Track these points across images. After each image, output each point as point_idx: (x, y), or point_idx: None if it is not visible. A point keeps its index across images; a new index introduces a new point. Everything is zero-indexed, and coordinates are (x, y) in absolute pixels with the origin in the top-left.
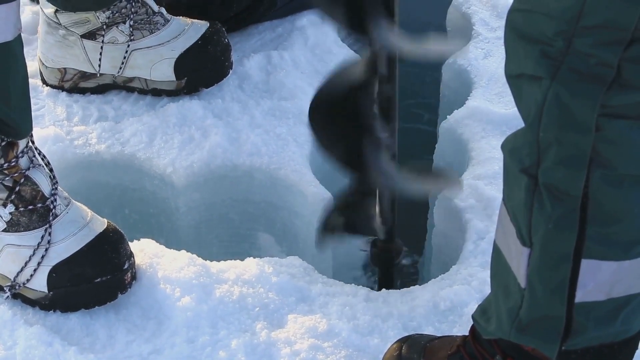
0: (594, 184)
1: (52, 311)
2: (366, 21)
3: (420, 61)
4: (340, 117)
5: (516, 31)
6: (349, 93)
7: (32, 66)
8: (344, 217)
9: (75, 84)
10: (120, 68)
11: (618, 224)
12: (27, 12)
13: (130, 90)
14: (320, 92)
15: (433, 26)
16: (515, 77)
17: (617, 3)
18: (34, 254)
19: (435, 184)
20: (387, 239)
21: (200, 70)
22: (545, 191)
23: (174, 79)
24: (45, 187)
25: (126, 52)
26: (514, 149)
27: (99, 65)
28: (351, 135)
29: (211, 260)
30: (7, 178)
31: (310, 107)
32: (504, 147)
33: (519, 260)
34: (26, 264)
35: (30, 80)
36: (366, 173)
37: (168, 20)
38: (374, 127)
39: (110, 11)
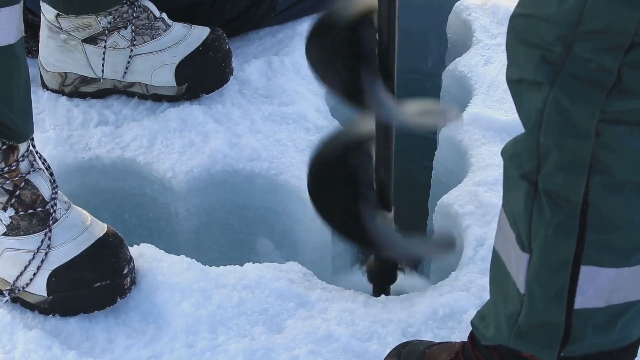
0: (593, 190)
1: (51, 315)
2: (363, 90)
3: (418, 131)
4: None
5: (517, 36)
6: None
7: (33, 70)
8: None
9: (76, 89)
10: (124, 73)
11: (618, 231)
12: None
13: (131, 95)
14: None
15: (433, 33)
16: (515, 82)
17: (617, 8)
18: (33, 258)
19: (436, 119)
20: (382, 255)
21: (201, 77)
22: (545, 197)
23: (175, 85)
24: (45, 191)
25: (129, 57)
26: (514, 155)
27: (102, 71)
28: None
29: (210, 266)
30: (7, 182)
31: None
32: (504, 152)
33: (518, 266)
34: (26, 268)
35: (30, 84)
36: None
37: (169, 26)
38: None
39: (111, 16)
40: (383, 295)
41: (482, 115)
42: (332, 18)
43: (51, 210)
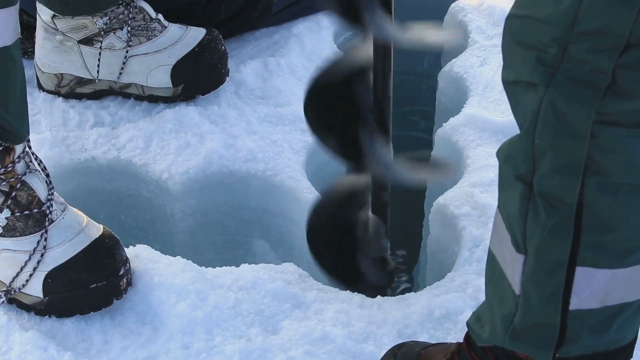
0: (589, 191)
1: (47, 316)
2: (362, 12)
3: (416, 49)
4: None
5: (513, 37)
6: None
7: (29, 71)
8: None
9: (72, 90)
10: (120, 74)
11: (613, 232)
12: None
13: (127, 96)
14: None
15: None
16: (511, 84)
17: (612, 9)
18: (29, 259)
19: (431, 173)
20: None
21: (197, 78)
22: (540, 198)
23: (171, 86)
24: (41, 192)
25: (125, 58)
26: (509, 156)
27: (98, 72)
28: (347, 127)
29: (206, 267)
30: (3, 183)
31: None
32: (499, 154)
33: (513, 267)
34: (22, 269)
35: (26, 85)
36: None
37: (165, 27)
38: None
39: (107, 17)
40: (379, 296)
41: (478, 117)
42: (328, 76)
43: (47, 212)
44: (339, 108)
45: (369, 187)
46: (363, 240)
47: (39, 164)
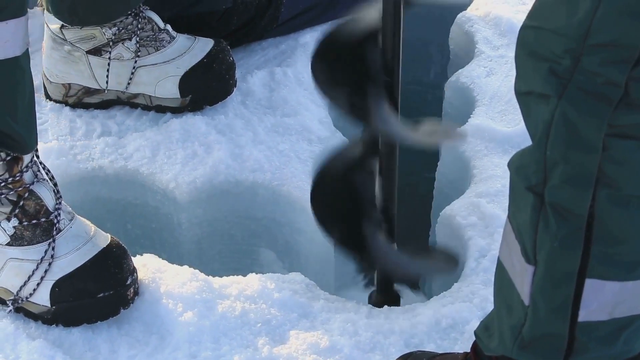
0: (599, 203)
1: (54, 325)
2: (368, 108)
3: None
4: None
5: (526, 48)
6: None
7: (36, 80)
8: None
9: (79, 100)
10: (128, 85)
11: (623, 245)
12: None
13: (134, 105)
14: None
15: (435, 44)
16: (524, 95)
17: (625, 21)
18: (37, 268)
19: (438, 137)
20: (384, 288)
21: (205, 89)
22: (551, 210)
23: (179, 97)
24: (49, 201)
25: (133, 68)
26: (520, 167)
27: (107, 82)
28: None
29: (213, 276)
30: (11, 192)
31: None
32: (510, 164)
33: (523, 277)
34: (29, 278)
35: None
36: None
37: (174, 38)
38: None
39: (116, 27)
40: (386, 306)
41: (485, 127)
42: (337, 35)
43: (55, 221)
44: (348, 68)
45: (376, 150)
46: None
47: (46, 173)
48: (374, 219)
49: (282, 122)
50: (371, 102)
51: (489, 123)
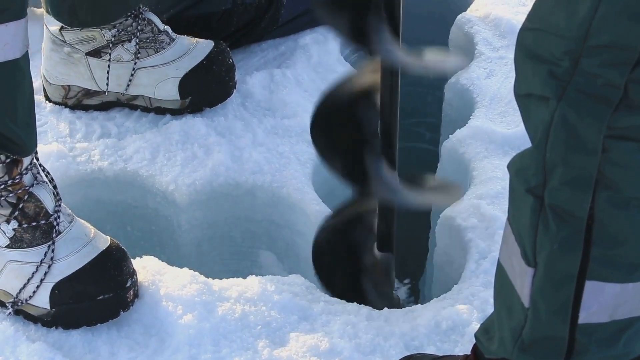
0: (599, 205)
1: (54, 328)
2: (369, 33)
3: (422, 74)
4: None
5: (525, 50)
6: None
7: (35, 82)
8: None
9: (79, 101)
10: (128, 86)
11: (623, 247)
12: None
13: (133, 107)
14: (322, 104)
15: (435, 45)
16: (523, 97)
17: (624, 23)
18: (36, 270)
19: (436, 196)
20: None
21: (205, 90)
22: (550, 212)
23: (179, 98)
24: (48, 203)
25: (133, 70)
26: (520, 169)
27: (107, 84)
28: (353, 147)
29: (213, 278)
30: (10, 195)
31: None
32: (510, 166)
33: (523, 279)
34: (29, 280)
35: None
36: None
37: (173, 39)
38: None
39: (116, 29)
40: (386, 309)
41: (484, 129)
42: (335, 98)
43: (54, 223)
44: (345, 131)
45: (375, 214)
46: (370, 274)
47: (46, 176)
48: (375, 149)
49: (282, 124)
50: (370, 165)
51: (489, 125)
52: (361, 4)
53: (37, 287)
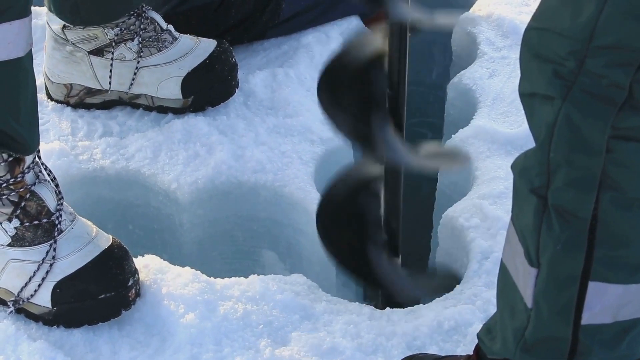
0: (603, 206)
1: (55, 326)
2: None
3: (430, 30)
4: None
5: (531, 50)
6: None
7: (37, 81)
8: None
9: (81, 100)
10: (131, 85)
11: (626, 247)
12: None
13: (136, 106)
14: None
15: (438, 45)
16: (528, 96)
17: (629, 24)
18: (38, 269)
19: (442, 161)
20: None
21: (208, 90)
22: (554, 212)
23: (181, 97)
24: (50, 202)
25: (136, 69)
26: (524, 169)
27: (110, 83)
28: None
29: (215, 277)
30: (12, 193)
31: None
32: (514, 167)
33: (526, 280)
34: (30, 279)
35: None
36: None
37: (176, 38)
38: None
39: (118, 28)
40: (388, 308)
41: (487, 128)
42: (343, 60)
43: (56, 222)
44: (353, 92)
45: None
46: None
47: (48, 174)
48: (378, 240)
49: (284, 123)
50: (376, 128)
51: (492, 124)
52: (365, 103)
53: (39, 285)
